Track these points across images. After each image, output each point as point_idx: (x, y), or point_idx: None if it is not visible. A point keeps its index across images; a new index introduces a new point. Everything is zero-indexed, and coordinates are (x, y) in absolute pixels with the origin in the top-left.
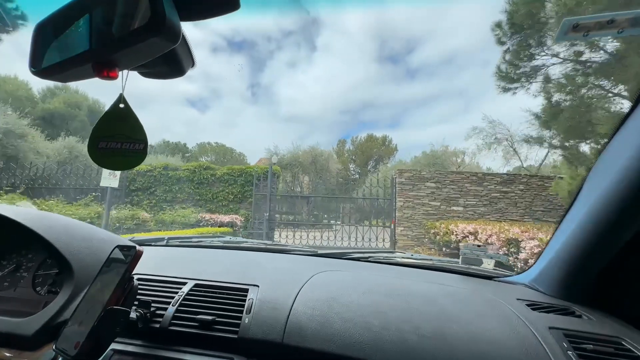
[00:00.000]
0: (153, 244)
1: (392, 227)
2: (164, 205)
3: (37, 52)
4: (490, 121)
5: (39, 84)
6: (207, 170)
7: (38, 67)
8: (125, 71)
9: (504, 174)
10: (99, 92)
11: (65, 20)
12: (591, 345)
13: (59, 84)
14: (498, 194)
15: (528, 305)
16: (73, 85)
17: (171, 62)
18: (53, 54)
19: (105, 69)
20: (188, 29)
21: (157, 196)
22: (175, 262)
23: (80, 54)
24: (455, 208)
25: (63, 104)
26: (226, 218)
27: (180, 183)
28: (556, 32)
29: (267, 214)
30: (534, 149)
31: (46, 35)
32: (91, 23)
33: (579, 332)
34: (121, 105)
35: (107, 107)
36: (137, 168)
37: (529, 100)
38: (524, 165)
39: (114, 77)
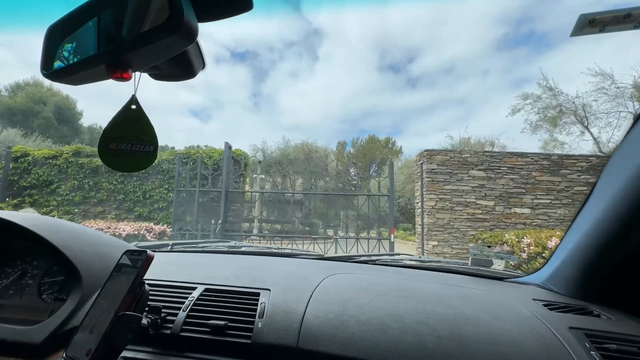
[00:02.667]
0: (157, 250)
1: (392, 239)
2: (70, 210)
3: (49, 55)
4: (548, 87)
5: (5, 80)
6: None
7: (49, 69)
8: (137, 73)
9: (592, 155)
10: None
11: (78, 22)
12: (614, 345)
13: (30, 79)
14: (584, 187)
15: (545, 305)
16: (46, 81)
17: (183, 63)
18: (65, 56)
19: (118, 70)
20: None
21: (60, 196)
22: (182, 267)
23: (94, 55)
24: (518, 210)
25: (27, 99)
26: (127, 228)
27: (97, 175)
28: (572, 28)
29: (219, 222)
30: (609, 128)
31: (58, 38)
32: (104, 24)
33: (600, 331)
34: (133, 107)
35: (78, 104)
36: (34, 154)
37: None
38: (602, 150)
39: (127, 79)
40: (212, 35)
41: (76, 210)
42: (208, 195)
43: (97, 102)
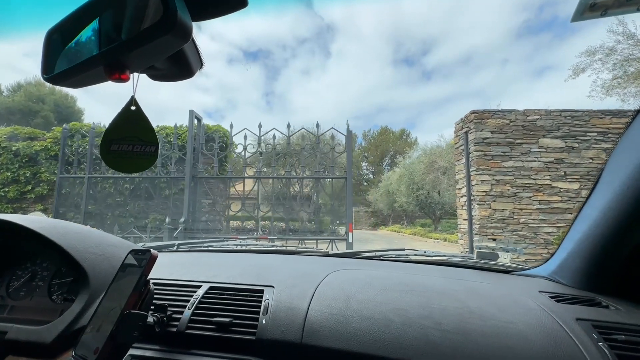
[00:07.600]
0: (163, 250)
1: (349, 237)
2: (2, 209)
3: (49, 58)
4: (627, 35)
5: (8, 81)
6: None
7: (50, 73)
8: (135, 74)
9: None
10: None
11: (75, 25)
12: (623, 336)
13: (31, 79)
14: None
15: (552, 297)
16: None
17: (180, 63)
18: (64, 59)
19: (116, 71)
20: (204, 41)
21: None
22: (187, 266)
23: (91, 58)
24: None
25: (25, 99)
26: None
27: (37, 165)
28: (572, 13)
29: (181, 220)
30: None
31: (57, 41)
32: (100, 27)
33: (608, 322)
34: (132, 108)
35: (78, 101)
36: None
37: None
38: None
39: (126, 80)
40: (224, 35)
41: (10, 210)
42: (177, 185)
43: (97, 100)
